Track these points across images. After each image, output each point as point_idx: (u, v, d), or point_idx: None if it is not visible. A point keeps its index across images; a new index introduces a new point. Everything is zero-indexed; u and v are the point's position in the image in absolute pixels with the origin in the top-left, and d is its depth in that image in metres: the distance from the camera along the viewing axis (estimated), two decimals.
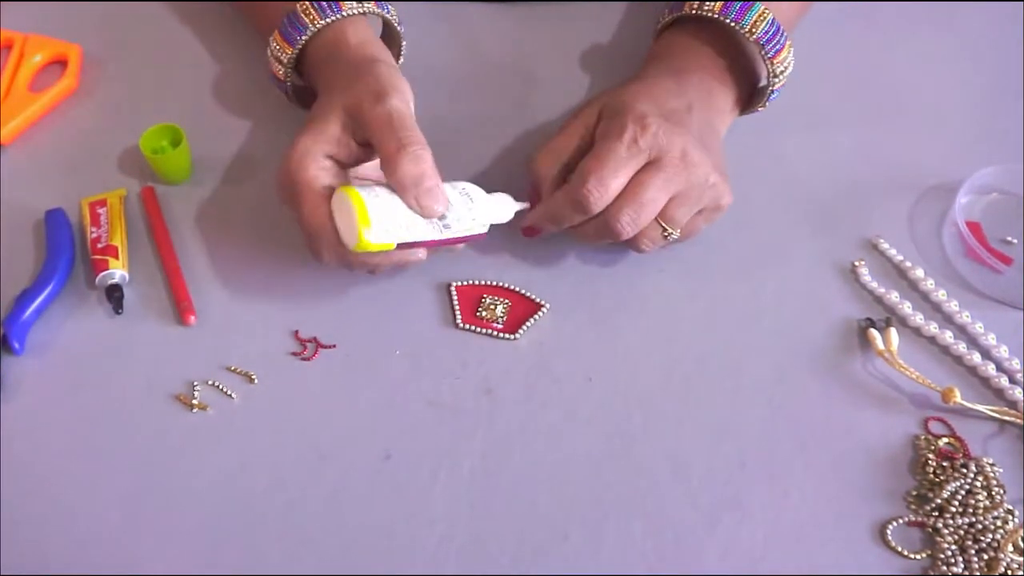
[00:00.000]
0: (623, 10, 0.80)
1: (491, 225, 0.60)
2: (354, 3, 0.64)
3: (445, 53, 0.77)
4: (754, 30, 0.63)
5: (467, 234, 0.58)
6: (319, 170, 0.57)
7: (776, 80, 0.65)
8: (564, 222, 0.60)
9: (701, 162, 0.58)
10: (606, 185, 0.56)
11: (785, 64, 0.64)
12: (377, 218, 0.54)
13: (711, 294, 0.64)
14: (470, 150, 0.70)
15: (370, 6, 0.65)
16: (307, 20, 0.63)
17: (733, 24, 0.63)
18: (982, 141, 0.71)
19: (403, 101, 0.58)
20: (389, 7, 0.67)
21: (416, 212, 0.56)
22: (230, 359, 0.61)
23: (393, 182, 0.56)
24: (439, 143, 0.60)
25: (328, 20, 0.63)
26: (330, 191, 0.57)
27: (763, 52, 0.63)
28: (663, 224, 0.59)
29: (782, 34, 0.63)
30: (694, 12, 0.64)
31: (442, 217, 0.57)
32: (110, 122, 0.73)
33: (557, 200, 0.59)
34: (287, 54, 0.64)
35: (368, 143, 0.58)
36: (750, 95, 0.67)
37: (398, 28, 0.68)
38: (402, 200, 0.56)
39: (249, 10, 0.74)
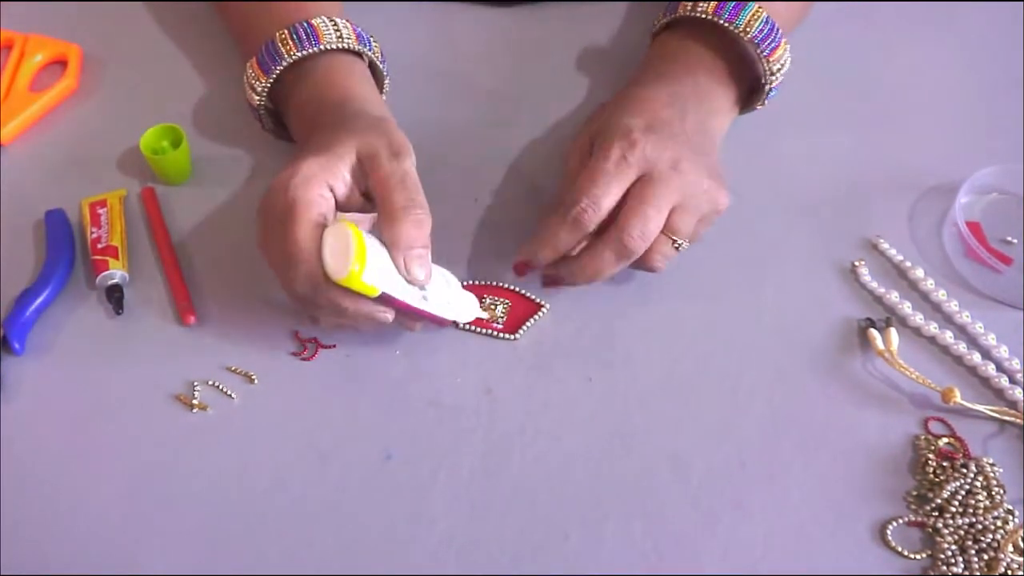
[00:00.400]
0: (620, 12, 0.80)
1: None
2: (333, 37, 0.63)
3: (438, 55, 0.77)
4: (748, 29, 0.63)
5: (439, 313, 0.58)
6: (320, 196, 0.55)
7: (773, 78, 0.65)
8: (562, 245, 0.59)
9: (692, 169, 0.58)
10: (598, 203, 0.57)
11: (781, 62, 0.64)
12: (372, 260, 0.53)
13: (711, 294, 0.64)
14: (460, 153, 0.70)
15: (350, 42, 0.64)
16: (283, 50, 0.63)
17: (727, 24, 0.63)
18: (982, 141, 0.71)
19: (414, 166, 0.57)
20: (372, 44, 0.66)
21: (401, 274, 0.55)
22: (230, 359, 0.61)
23: (388, 238, 0.55)
24: (429, 146, 0.60)
25: (305, 52, 0.63)
26: (324, 219, 0.55)
27: (758, 51, 0.63)
28: (670, 236, 0.59)
29: (777, 32, 0.63)
30: (688, 13, 0.65)
31: (422, 288, 0.56)
32: (110, 122, 0.73)
33: (552, 225, 0.59)
34: (261, 83, 0.64)
35: (366, 194, 0.57)
36: (750, 93, 0.67)
37: (381, 66, 0.67)
38: (391, 258, 0.55)
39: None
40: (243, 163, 0.70)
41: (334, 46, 0.64)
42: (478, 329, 0.62)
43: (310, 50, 0.63)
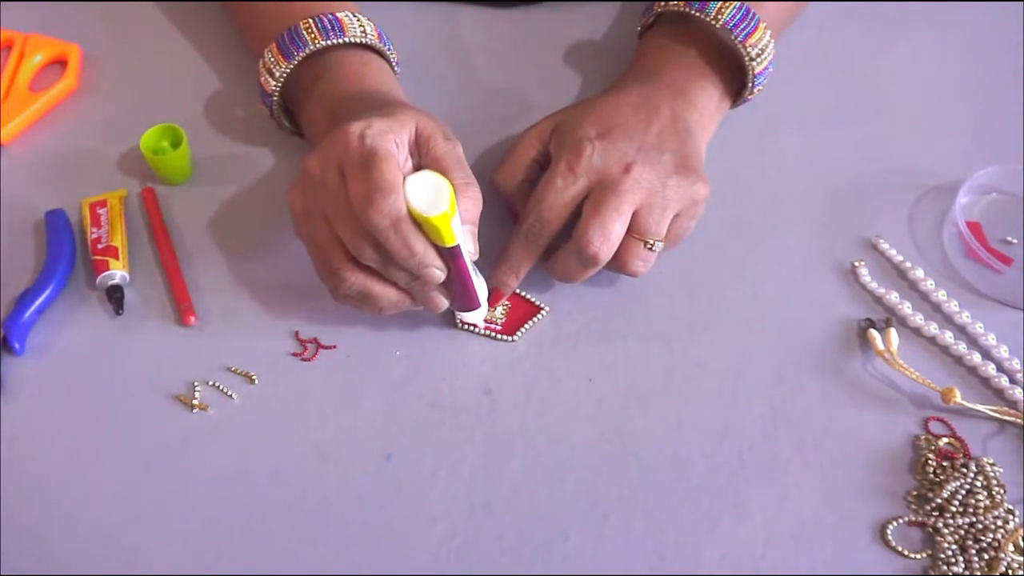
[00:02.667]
0: (622, 11, 0.80)
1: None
2: (357, 31, 0.64)
3: (438, 56, 0.77)
4: (719, 16, 0.63)
5: (479, 290, 0.58)
6: (395, 147, 0.55)
7: (754, 63, 0.64)
8: (521, 263, 0.60)
9: (648, 169, 0.58)
10: (545, 218, 0.59)
11: (760, 46, 0.64)
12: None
13: (711, 294, 0.64)
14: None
15: (373, 38, 0.65)
16: (308, 37, 0.63)
17: (698, 14, 0.63)
18: (982, 141, 0.71)
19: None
20: (391, 45, 0.67)
21: None
22: (230, 359, 0.61)
23: None
24: None
25: (330, 41, 0.63)
26: (401, 167, 0.55)
27: (733, 36, 0.63)
28: (640, 238, 0.58)
29: (752, 17, 0.63)
30: (661, 9, 0.65)
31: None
32: (110, 122, 0.72)
33: (509, 245, 0.60)
34: (281, 68, 0.64)
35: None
36: (743, 85, 0.66)
37: (396, 69, 0.68)
38: None
39: (243, 22, 0.73)
40: (243, 163, 0.70)
41: (358, 40, 0.64)
42: (477, 330, 0.62)
43: (335, 40, 0.63)
